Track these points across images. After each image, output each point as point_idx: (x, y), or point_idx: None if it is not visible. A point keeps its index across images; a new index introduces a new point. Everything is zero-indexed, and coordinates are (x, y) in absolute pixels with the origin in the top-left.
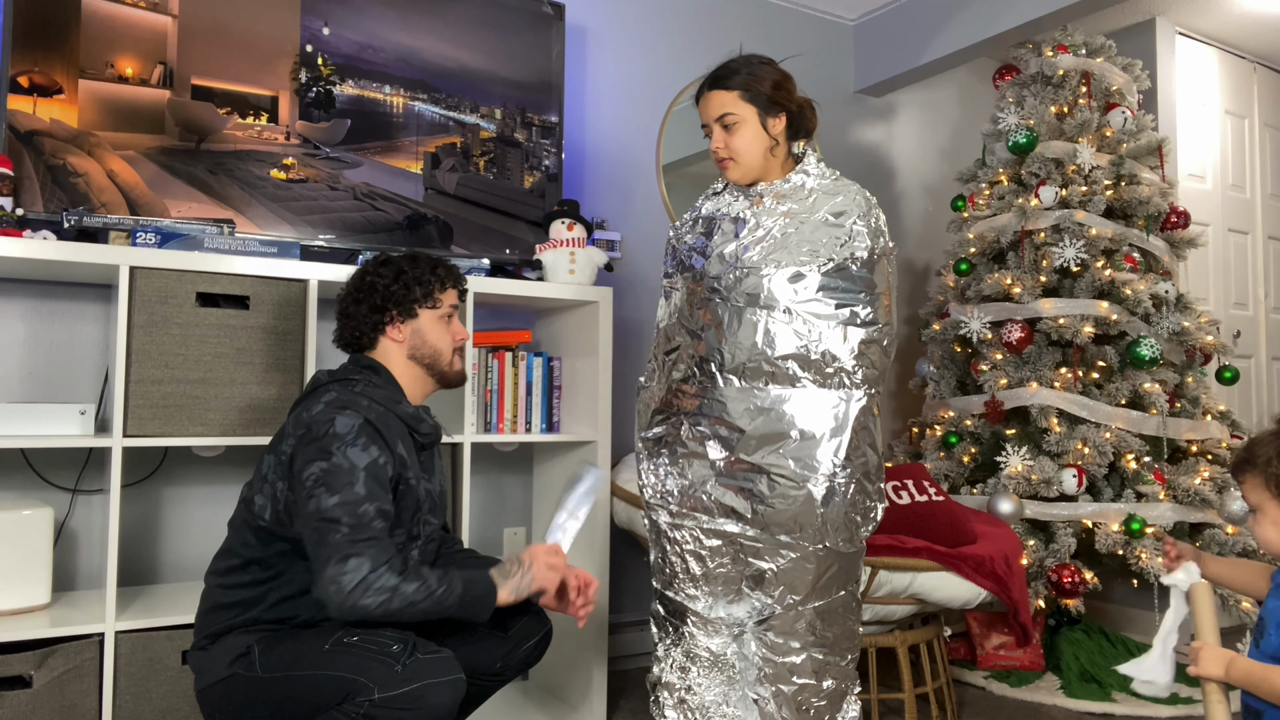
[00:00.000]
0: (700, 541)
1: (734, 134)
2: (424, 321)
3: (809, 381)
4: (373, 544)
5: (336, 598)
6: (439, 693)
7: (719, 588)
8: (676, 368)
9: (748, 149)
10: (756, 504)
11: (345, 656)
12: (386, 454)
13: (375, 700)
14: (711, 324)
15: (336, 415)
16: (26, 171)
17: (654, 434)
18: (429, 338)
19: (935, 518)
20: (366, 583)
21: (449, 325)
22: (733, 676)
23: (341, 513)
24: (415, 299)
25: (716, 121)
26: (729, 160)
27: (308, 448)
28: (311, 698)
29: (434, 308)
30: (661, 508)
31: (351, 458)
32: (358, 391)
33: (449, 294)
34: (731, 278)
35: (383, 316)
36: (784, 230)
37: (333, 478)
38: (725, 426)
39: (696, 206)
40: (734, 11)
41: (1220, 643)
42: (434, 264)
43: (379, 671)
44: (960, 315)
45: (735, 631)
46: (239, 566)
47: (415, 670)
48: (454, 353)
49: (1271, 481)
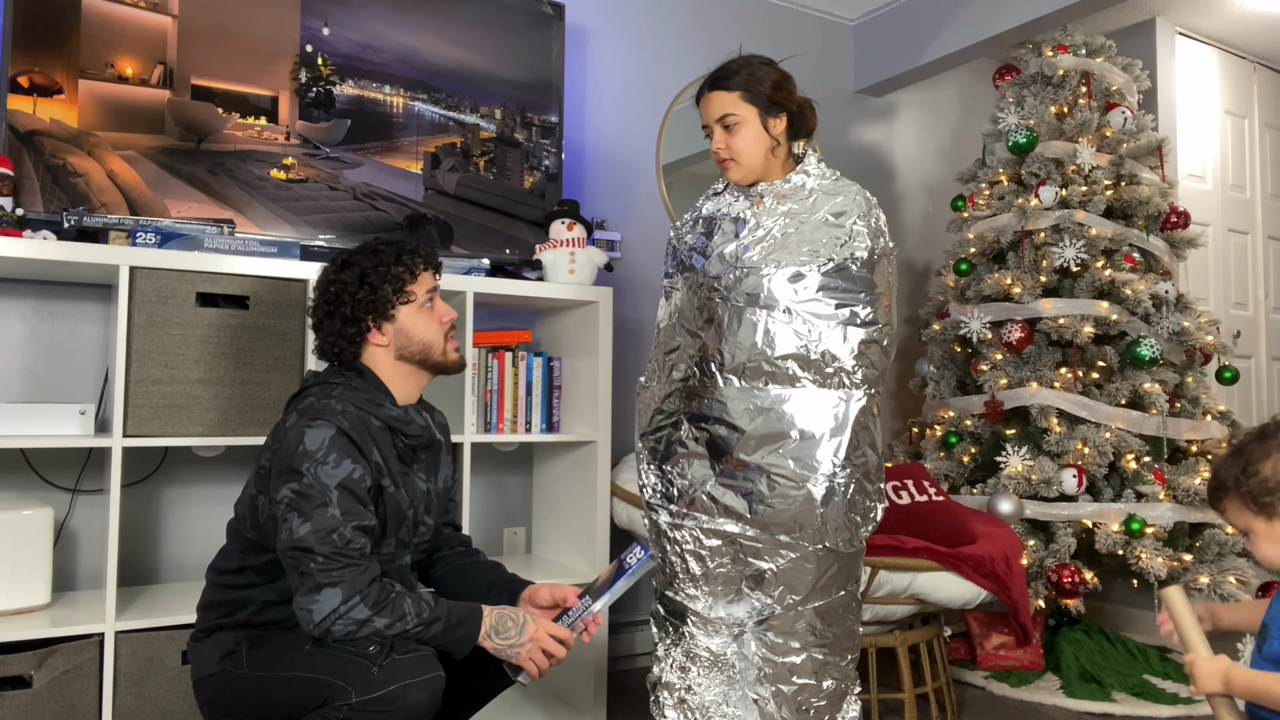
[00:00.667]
0: (700, 541)
1: (735, 135)
2: (404, 318)
3: (809, 381)
4: (349, 569)
5: (307, 625)
6: (416, 692)
7: (719, 588)
8: (677, 368)
9: (749, 150)
10: (756, 504)
11: (324, 659)
12: (362, 465)
13: (353, 704)
14: (711, 324)
15: (306, 429)
16: (26, 171)
17: (654, 434)
18: (414, 334)
19: (935, 518)
20: (336, 613)
21: (433, 311)
22: (733, 676)
23: (314, 541)
24: (387, 299)
25: (717, 122)
26: (730, 161)
27: (280, 465)
28: (292, 700)
29: (409, 301)
30: (661, 508)
31: (323, 477)
32: (335, 395)
33: (423, 279)
34: (732, 277)
35: (359, 327)
36: (784, 230)
37: (304, 501)
38: (725, 426)
39: (697, 207)
40: (734, 11)
41: (1209, 649)
42: (398, 252)
43: (356, 674)
44: (960, 315)
45: (735, 631)
46: (234, 570)
47: (392, 671)
48: (445, 339)
49: (1249, 500)
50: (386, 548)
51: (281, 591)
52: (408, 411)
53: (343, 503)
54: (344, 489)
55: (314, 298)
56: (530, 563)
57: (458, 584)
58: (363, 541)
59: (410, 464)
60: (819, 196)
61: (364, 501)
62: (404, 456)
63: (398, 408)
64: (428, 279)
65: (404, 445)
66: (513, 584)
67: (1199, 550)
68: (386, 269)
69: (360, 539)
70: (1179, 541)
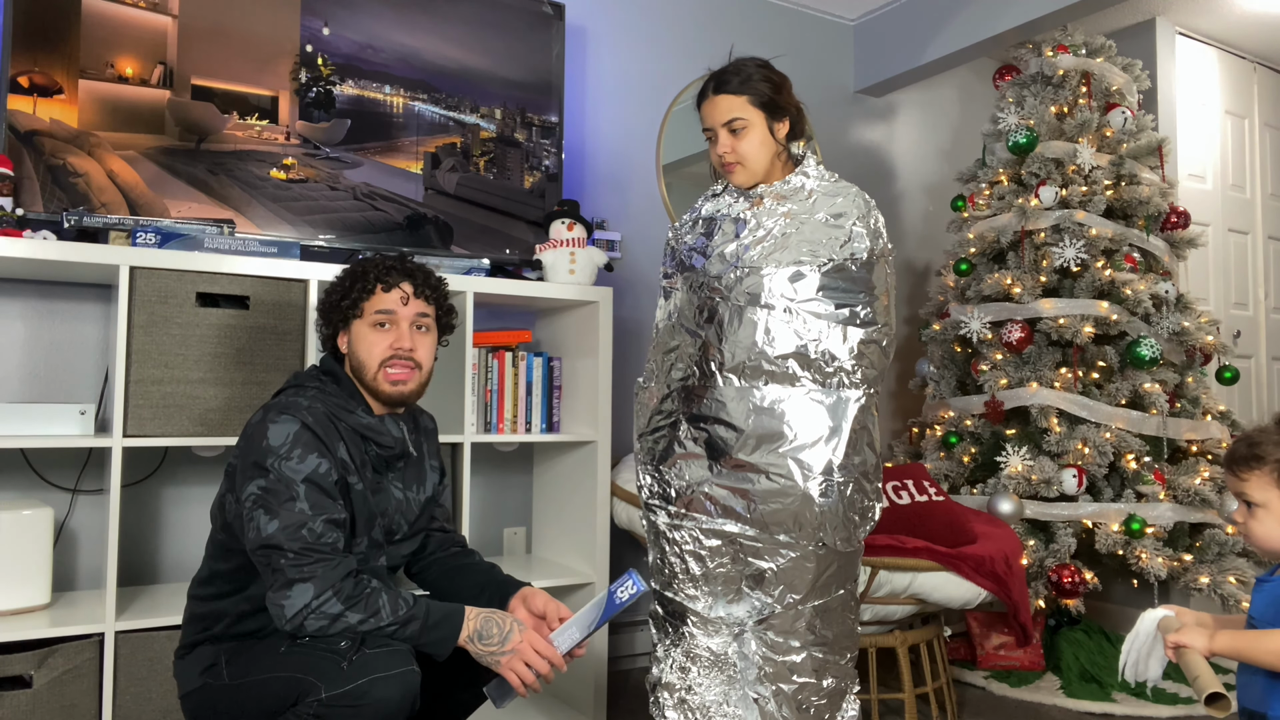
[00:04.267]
0: (700, 542)
1: (742, 138)
2: (354, 331)
3: (808, 381)
4: (321, 564)
5: (280, 621)
6: (386, 687)
7: (719, 588)
8: (675, 368)
9: (756, 154)
10: (755, 503)
11: (297, 657)
12: (328, 459)
13: (323, 699)
14: (711, 323)
15: (270, 425)
16: (26, 171)
17: (652, 434)
18: (357, 349)
19: (935, 518)
20: (309, 608)
21: (382, 333)
22: (733, 676)
23: (283, 538)
24: (345, 308)
25: (724, 126)
26: (737, 165)
27: (245, 461)
28: (270, 700)
29: (358, 316)
30: (659, 508)
31: (288, 472)
32: (307, 395)
33: (379, 298)
34: (732, 277)
35: (332, 329)
36: (784, 230)
37: (271, 497)
38: (724, 426)
39: (696, 208)
40: (734, 11)
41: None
42: (370, 266)
43: (325, 669)
44: (960, 315)
45: (735, 631)
46: (206, 579)
47: (361, 666)
48: (381, 366)
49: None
50: (359, 547)
51: (254, 601)
52: (383, 421)
53: (310, 496)
54: (310, 483)
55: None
56: (530, 563)
57: (449, 585)
58: (334, 535)
59: (384, 473)
60: (819, 198)
61: (332, 495)
62: (377, 465)
63: (370, 416)
64: (387, 299)
65: (376, 454)
66: (504, 586)
67: (1199, 550)
68: (354, 280)
69: (331, 533)
70: (1179, 541)
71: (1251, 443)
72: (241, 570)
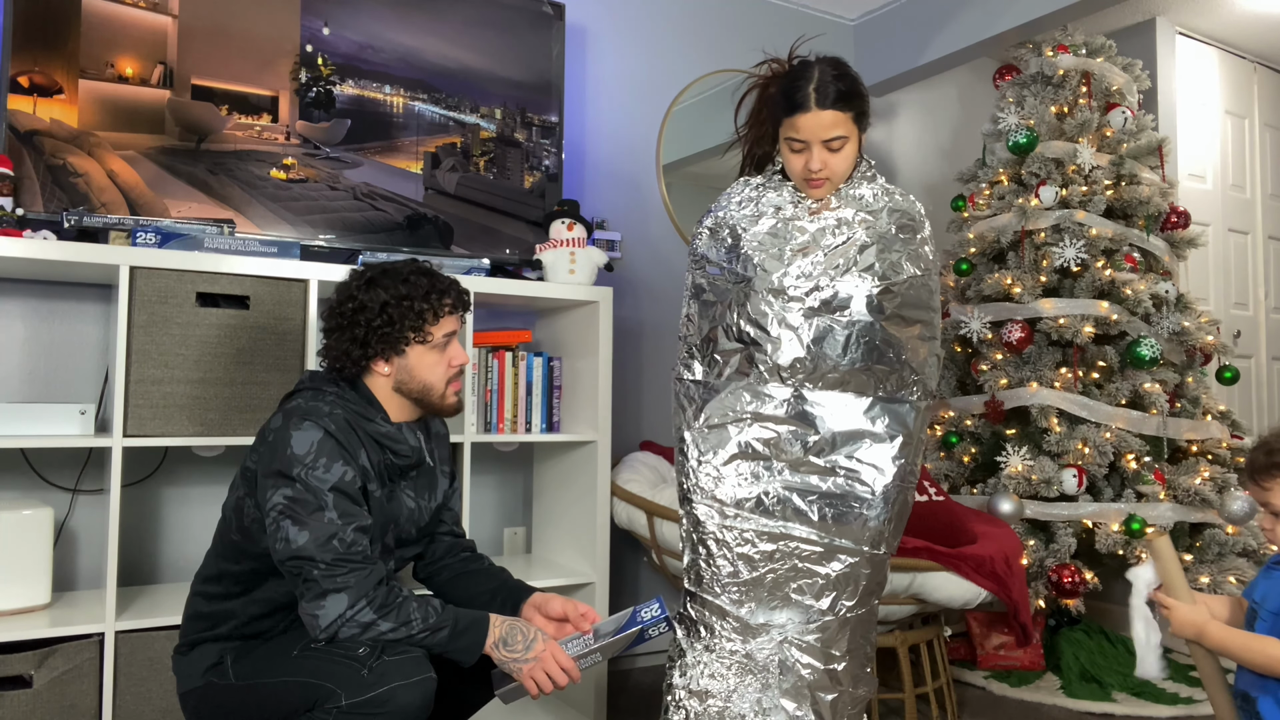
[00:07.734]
0: (754, 545)
1: (840, 155)
2: (413, 357)
3: (883, 390)
4: (354, 573)
5: (313, 630)
6: (407, 693)
7: (764, 593)
8: (737, 366)
9: (845, 169)
10: (825, 507)
11: (313, 662)
12: (352, 467)
13: (343, 706)
14: (782, 328)
15: (293, 432)
16: (26, 171)
17: (711, 431)
18: (417, 373)
19: (935, 518)
20: (343, 618)
21: (444, 354)
22: (768, 683)
23: (315, 549)
24: (402, 335)
25: (824, 142)
26: (826, 181)
27: (268, 469)
28: (282, 705)
29: (424, 342)
30: (709, 505)
31: (315, 481)
32: (326, 400)
33: (445, 323)
34: (808, 285)
35: (365, 353)
36: (862, 242)
37: (299, 507)
38: (796, 428)
39: (754, 198)
40: (734, 11)
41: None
42: (429, 288)
43: (345, 676)
44: (960, 315)
45: (776, 638)
46: (214, 577)
47: (382, 673)
48: (447, 384)
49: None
50: (374, 550)
51: (263, 604)
52: (400, 429)
53: (339, 505)
54: (338, 491)
55: (332, 301)
56: (530, 562)
57: (460, 590)
58: (364, 543)
59: (397, 481)
60: (886, 209)
61: (358, 502)
62: (391, 473)
63: (389, 424)
64: (450, 322)
65: (392, 463)
66: (517, 591)
67: (1199, 550)
68: (411, 304)
69: (361, 540)
70: (1179, 541)
71: (1270, 450)
72: (254, 573)
